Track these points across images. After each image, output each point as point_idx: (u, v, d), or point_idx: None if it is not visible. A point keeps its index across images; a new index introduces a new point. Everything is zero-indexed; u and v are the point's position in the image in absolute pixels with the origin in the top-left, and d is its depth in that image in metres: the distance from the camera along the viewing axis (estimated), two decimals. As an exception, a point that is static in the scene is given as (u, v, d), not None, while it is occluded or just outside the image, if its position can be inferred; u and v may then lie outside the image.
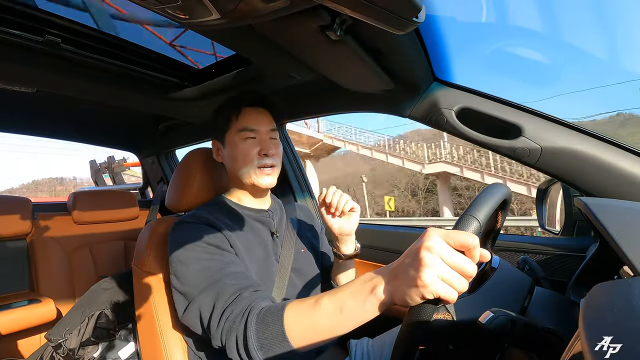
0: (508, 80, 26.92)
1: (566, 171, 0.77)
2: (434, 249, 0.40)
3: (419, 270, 0.40)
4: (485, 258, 0.42)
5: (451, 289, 0.40)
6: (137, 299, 0.85)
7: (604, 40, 19.76)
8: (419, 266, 0.40)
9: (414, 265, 0.41)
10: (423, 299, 0.41)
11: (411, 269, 0.41)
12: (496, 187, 0.51)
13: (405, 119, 0.96)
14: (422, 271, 0.40)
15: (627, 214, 0.49)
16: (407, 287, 0.41)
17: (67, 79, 0.97)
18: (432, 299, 0.41)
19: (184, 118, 1.41)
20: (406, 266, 0.43)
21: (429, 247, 0.41)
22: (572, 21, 18.07)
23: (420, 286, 0.40)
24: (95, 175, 4.66)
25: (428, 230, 0.43)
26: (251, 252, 0.77)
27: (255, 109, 0.83)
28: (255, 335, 0.54)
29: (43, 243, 1.47)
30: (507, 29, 11.73)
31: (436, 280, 0.40)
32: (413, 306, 0.42)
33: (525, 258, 0.76)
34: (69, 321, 1.00)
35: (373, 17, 0.51)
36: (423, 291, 0.40)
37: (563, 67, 23.06)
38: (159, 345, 0.78)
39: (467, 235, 0.41)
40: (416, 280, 0.40)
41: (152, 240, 0.85)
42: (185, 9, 0.53)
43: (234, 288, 0.62)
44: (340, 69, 0.84)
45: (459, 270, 0.40)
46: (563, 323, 0.52)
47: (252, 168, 0.79)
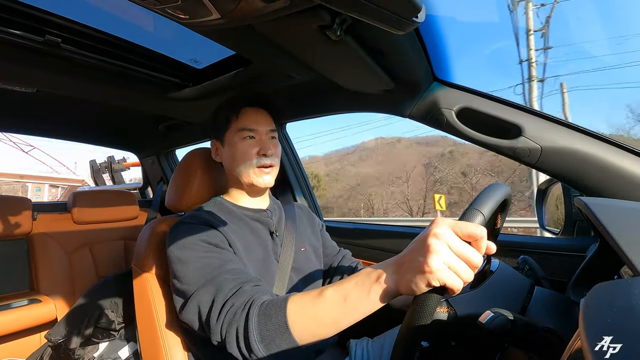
0: (508, 81, 26.96)
1: (566, 171, 0.77)
2: (441, 236, 0.41)
3: (426, 257, 0.41)
4: (491, 250, 0.43)
5: (457, 277, 0.41)
6: (137, 299, 0.85)
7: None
8: (427, 252, 0.41)
9: (421, 251, 0.42)
10: (429, 286, 0.41)
11: (419, 256, 0.42)
12: (498, 186, 0.51)
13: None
14: (429, 257, 0.40)
15: (627, 214, 0.49)
16: (414, 274, 0.42)
17: (67, 79, 0.97)
18: (438, 288, 0.41)
19: (184, 118, 1.42)
20: (413, 253, 0.43)
21: (437, 234, 0.41)
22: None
23: (427, 272, 0.40)
24: (95, 175, 4.65)
25: (436, 218, 0.44)
26: (250, 252, 0.77)
27: (255, 109, 0.83)
28: (257, 328, 0.53)
29: (43, 243, 1.47)
30: (507, 29, 11.65)
31: (443, 267, 0.40)
32: (418, 295, 0.42)
33: (525, 258, 0.76)
34: (69, 321, 1.00)
35: (373, 17, 0.51)
36: (429, 277, 0.40)
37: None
38: (159, 345, 0.78)
39: (475, 226, 0.42)
40: (423, 266, 0.41)
41: (152, 241, 0.85)
42: (185, 9, 0.53)
43: (234, 282, 0.62)
44: (340, 69, 0.84)
45: (465, 259, 0.41)
46: (563, 323, 0.52)
47: (251, 167, 0.79)
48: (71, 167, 17.89)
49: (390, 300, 0.46)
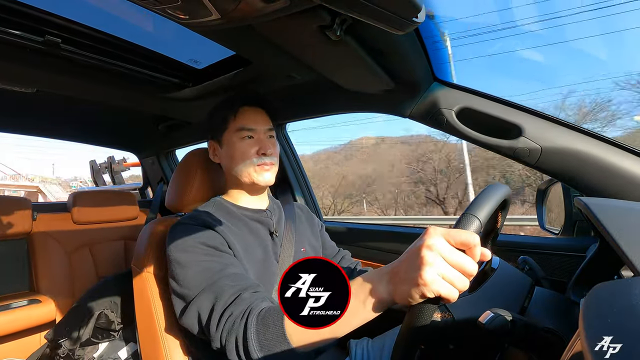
0: (509, 80, 27.06)
1: (566, 171, 0.77)
2: (434, 247, 0.40)
3: (420, 269, 0.40)
4: (485, 257, 0.42)
5: (452, 287, 0.40)
6: (137, 299, 0.85)
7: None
8: (420, 265, 0.40)
9: (415, 263, 0.41)
10: (424, 297, 0.41)
11: (412, 268, 0.41)
12: (497, 186, 0.51)
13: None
14: (423, 270, 0.40)
15: (627, 214, 0.49)
16: (408, 286, 0.41)
17: (67, 79, 0.97)
18: (433, 298, 0.40)
19: (184, 118, 1.42)
20: (407, 265, 0.43)
21: (429, 245, 0.41)
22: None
23: (421, 284, 0.40)
24: (95, 176, 4.65)
25: (429, 228, 0.43)
26: (250, 253, 0.77)
27: (253, 109, 0.82)
28: (255, 336, 0.54)
29: (43, 243, 1.47)
30: (507, 28, 11.76)
31: (437, 278, 0.40)
32: (413, 305, 0.42)
33: (525, 258, 0.76)
34: (69, 321, 1.00)
35: (373, 17, 0.51)
36: (424, 290, 0.40)
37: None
38: (159, 345, 0.78)
39: (468, 233, 0.41)
40: (417, 279, 0.40)
41: (151, 241, 0.85)
42: (185, 9, 0.53)
43: (234, 289, 0.62)
44: (340, 69, 0.84)
45: (460, 268, 0.40)
46: (563, 323, 0.52)
47: (252, 166, 0.79)
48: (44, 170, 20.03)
49: (386, 309, 0.46)
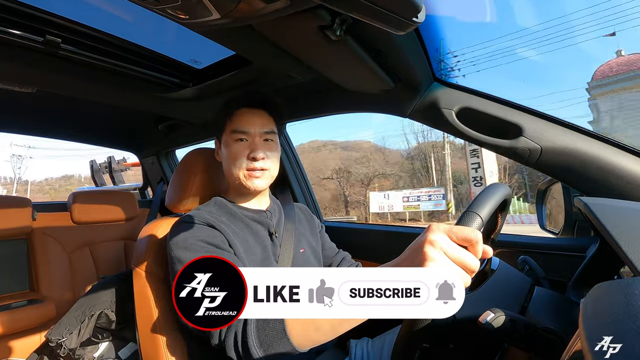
0: (508, 81, 27.07)
1: (566, 171, 0.76)
2: (437, 243, 0.41)
3: (422, 265, 0.40)
4: (487, 254, 0.42)
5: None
6: (137, 299, 0.85)
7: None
8: (423, 261, 0.41)
9: (417, 259, 0.41)
10: None
11: (414, 264, 0.42)
12: (497, 186, 0.51)
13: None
14: (425, 265, 0.40)
15: (627, 214, 0.49)
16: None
17: (67, 79, 0.97)
18: None
19: (184, 118, 1.41)
20: (409, 261, 0.43)
21: (432, 241, 0.41)
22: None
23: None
24: (96, 176, 4.66)
25: (431, 225, 0.43)
26: (250, 253, 0.77)
27: (251, 110, 0.82)
28: (255, 332, 0.53)
29: (43, 243, 1.47)
30: (507, 28, 11.70)
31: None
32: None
33: (525, 258, 0.76)
34: (69, 321, 1.00)
35: (373, 17, 0.51)
36: None
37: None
38: (159, 345, 0.78)
39: (470, 230, 0.41)
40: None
41: (151, 241, 0.85)
42: (185, 9, 0.53)
43: None
44: (340, 69, 0.84)
45: (462, 264, 0.41)
46: (563, 323, 0.52)
47: (242, 170, 0.79)
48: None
49: None
